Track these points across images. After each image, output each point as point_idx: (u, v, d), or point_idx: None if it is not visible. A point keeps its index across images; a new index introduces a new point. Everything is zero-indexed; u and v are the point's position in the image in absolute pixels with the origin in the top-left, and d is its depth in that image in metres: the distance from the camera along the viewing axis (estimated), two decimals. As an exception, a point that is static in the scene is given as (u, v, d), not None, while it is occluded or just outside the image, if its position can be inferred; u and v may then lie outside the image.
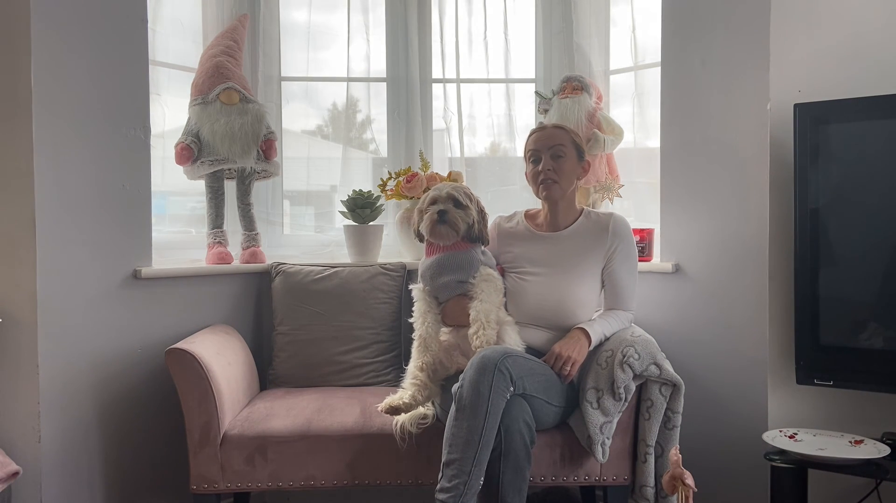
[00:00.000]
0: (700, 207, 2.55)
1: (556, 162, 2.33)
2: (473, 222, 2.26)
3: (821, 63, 2.29)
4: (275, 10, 3.08)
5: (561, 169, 2.33)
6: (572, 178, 2.36)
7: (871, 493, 2.12)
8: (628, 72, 3.02)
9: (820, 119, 2.18)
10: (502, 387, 1.95)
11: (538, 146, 2.35)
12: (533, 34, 3.18)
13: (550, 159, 2.33)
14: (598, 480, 2.21)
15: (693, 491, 1.78)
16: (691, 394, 2.27)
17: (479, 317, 2.13)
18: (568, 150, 2.34)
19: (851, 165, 2.17)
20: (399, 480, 2.21)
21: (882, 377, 2.12)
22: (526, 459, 1.96)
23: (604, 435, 2.13)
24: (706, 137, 2.53)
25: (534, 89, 3.13)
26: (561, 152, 2.33)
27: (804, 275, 2.21)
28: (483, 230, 2.30)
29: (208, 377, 2.18)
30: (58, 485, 2.31)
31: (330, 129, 3.26)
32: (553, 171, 2.32)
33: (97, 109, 2.39)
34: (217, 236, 2.80)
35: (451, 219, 2.22)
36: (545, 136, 2.36)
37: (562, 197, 2.36)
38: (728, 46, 2.46)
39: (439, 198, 2.26)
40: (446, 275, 2.25)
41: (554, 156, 2.33)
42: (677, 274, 2.61)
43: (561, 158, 2.33)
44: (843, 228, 2.18)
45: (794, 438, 2.17)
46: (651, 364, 2.13)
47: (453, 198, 2.25)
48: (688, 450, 2.12)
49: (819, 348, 2.20)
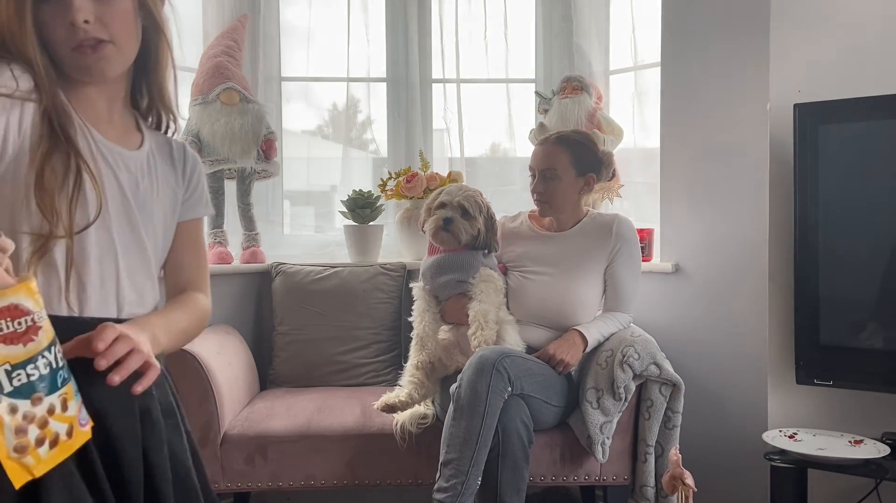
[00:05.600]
0: (700, 207, 2.55)
1: (547, 184, 2.30)
2: (479, 233, 2.25)
3: (821, 63, 2.29)
4: (275, 10, 3.08)
5: (552, 191, 2.30)
6: (569, 196, 2.32)
7: (870, 493, 2.12)
8: (628, 72, 3.02)
9: (820, 119, 2.18)
10: (500, 387, 1.95)
11: (533, 164, 2.34)
12: (533, 34, 3.18)
13: (541, 181, 2.31)
14: (598, 480, 2.22)
15: (693, 490, 1.78)
16: (691, 393, 2.27)
17: (477, 318, 2.13)
18: (563, 172, 2.29)
19: (851, 165, 2.17)
20: (399, 480, 2.22)
21: (882, 377, 2.12)
22: (524, 459, 1.96)
23: (604, 435, 2.13)
24: (706, 137, 2.53)
25: (534, 89, 3.13)
26: (552, 175, 2.29)
27: (804, 274, 2.21)
28: (491, 239, 2.28)
29: (208, 377, 2.18)
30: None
31: (330, 129, 3.26)
32: (543, 193, 2.31)
33: (97, 109, 2.39)
34: (217, 236, 2.80)
35: (455, 229, 2.21)
36: (541, 154, 2.33)
37: (559, 213, 2.34)
38: (728, 46, 2.46)
39: (449, 203, 2.23)
40: (446, 274, 2.25)
41: (545, 178, 2.30)
42: (677, 274, 2.61)
43: (552, 181, 2.29)
44: (843, 228, 2.17)
45: (794, 438, 2.16)
46: (651, 364, 2.13)
47: (463, 207, 2.23)
48: (688, 450, 2.11)
49: (819, 348, 2.19)
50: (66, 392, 0.88)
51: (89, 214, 1.04)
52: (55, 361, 0.86)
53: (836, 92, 2.20)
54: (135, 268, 1.13)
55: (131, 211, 1.11)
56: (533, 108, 3.10)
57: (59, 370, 0.87)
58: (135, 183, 1.12)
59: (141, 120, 1.20)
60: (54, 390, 0.85)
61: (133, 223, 1.12)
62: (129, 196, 1.11)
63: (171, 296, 1.28)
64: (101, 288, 1.07)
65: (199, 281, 1.30)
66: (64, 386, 0.87)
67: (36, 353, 0.83)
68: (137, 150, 1.15)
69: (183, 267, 1.28)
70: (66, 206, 1.01)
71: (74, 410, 0.89)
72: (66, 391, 0.88)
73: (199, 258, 1.30)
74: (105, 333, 0.95)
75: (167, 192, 1.20)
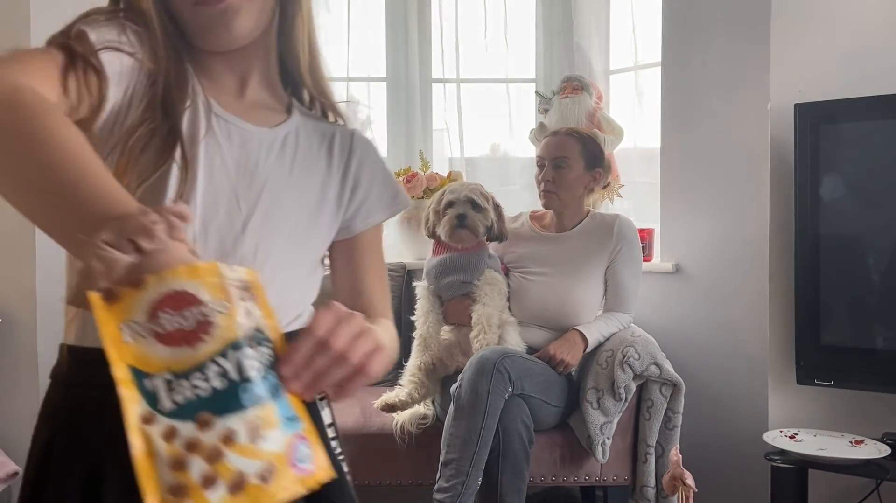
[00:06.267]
0: (700, 207, 2.55)
1: (557, 173, 2.31)
2: (492, 223, 2.25)
3: (821, 63, 2.29)
4: (275, 10, 3.07)
5: (561, 180, 2.31)
6: (576, 189, 2.34)
7: (871, 494, 2.12)
8: (628, 72, 3.01)
9: (820, 119, 2.17)
10: (500, 388, 1.94)
11: (543, 154, 2.35)
12: (533, 34, 3.17)
13: (552, 169, 2.31)
14: (598, 480, 2.21)
15: (693, 491, 1.78)
16: (691, 394, 2.27)
17: (480, 321, 2.13)
18: (573, 162, 2.31)
19: (852, 165, 2.17)
20: (399, 480, 2.21)
21: (883, 377, 2.12)
22: (524, 460, 1.96)
23: (604, 435, 2.13)
24: (706, 137, 2.53)
25: (534, 89, 3.13)
26: (563, 164, 2.30)
27: (804, 274, 2.20)
28: (502, 227, 2.29)
29: (208, 377, 2.17)
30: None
31: (330, 129, 3.26)
32: (552, 181, 2.31)
33: (97, 109, 2.39)
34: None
35: (472, 223, 2.21)
36: (553, 143, 2.34)
37: (563, 207, 2.35)
38: (728, 46, 2.46)
39: (457, 200, 2.23)
40: (451, 275, 2.24)
41: (556, 166, 2.31)
42: (677, 274, 2.60)
43: (562, 170, 2.30)
44: (843, 228, 2.17)
45: (795, 438, 2.16)
46: (651, 364, 2.12)
47: (471, 200, 2.23)
48: (688, 451, 2.11)
49: (819, 348, 2.19)
50: (261, 415, 0.61)
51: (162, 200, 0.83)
52: (237, 371, 0.60)
53: (837, 92, 2.20)
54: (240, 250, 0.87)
55: (237, 189, 0.88)
56: (533, 107, 3.10)
57: (245, 383, 0.60)
58: (253, 161, 0.90)
59: (297, 104, 1.00)
60: (234, 410, 0.59)
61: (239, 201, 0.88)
62: (238, 173, 0.89)
63: None
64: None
65: (384, 306, 1.03)
66: (254, 405, 0.60)
67: (206, 359, 0.59)
68: (270, 128, 0.93)
69: (363, 289, 1.00)
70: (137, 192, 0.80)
71: (279, 443, 0.61)
72: (261, 414, 0.61)
73: (383, 277, 1.05)
74: (339, 319, 0.69)
75: (309, 182, 0.95)
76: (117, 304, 0.58)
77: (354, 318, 0.70)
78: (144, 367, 0.58)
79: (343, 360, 0.68)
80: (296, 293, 0.92)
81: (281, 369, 0.64)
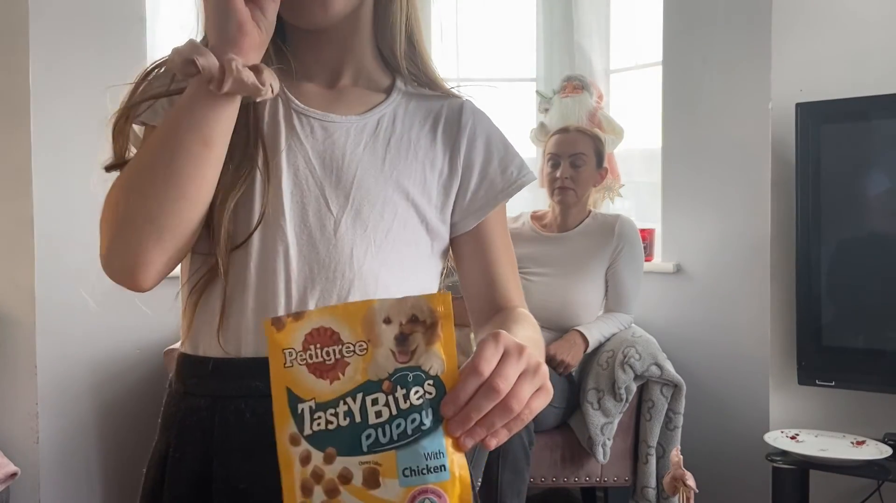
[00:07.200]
0: (701, 207, 2.55)
1: (575, 170, 2.33)
2: None
3: (822, 62, 2.28)
4: (275, 10, 3.07)
5: (579, 177, 2.33)
6: (588, 186, 2.37)
7: (872, 494, 2.11)
8: (629, 71, 3.01)
9: (822, 118, 2.17)
10: (502, 388, 1.94)
11: (559, 150, 2.35)
12: (533, 33, 3.17)
13: (570, 167, 2.32)
14: (598, 481, 2.21)
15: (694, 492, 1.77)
16: (692, 394, 2.27)
17: None
18: (588, 159, 2.34)
19: (853, 165, 2.17)
20: (399, 481, 2.20)
21: (884, 378, 2.11)
22: (525, 461, 1.96)
23: (605, 436, 2.12)
24: (707, 137, 2.52)
25: (534, 89, 3.12)
26: (581, 161, 2.32)
27: (806, 275, 2.20)
28: None
29: (207, 377, 2.17)
30: (56, 485, 2.30)
31: (330, 128, 3.26)
32: (571, 179, 2.32)
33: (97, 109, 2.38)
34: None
35: None
36: (568, 141, 2.35)
37: (575, 203, 2.36)
38: (729, 45, 2.46)
39: None
40: (452, 275, 2.24)
41: (574, 164, 2.33)
42: (678, 274, 2.60)
43: (580, 167, 2.32)
44: (845, 228, 2.17)
45: (796, 439, 2.16)
46: (652, 364, 2.12)
47: None
48: (689, 451, 2.11)
49: (821, 349, 2.19)
50: (380, 462, 0.61)
51: (251, 221, 0.78)
52: (362, 414, 0.62)
53: (838, 91, 2.20)
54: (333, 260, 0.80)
55: (325, 188, 0.82)
56: (533, 107, 3.09)
57: (368, 429, 0.61)
58: (339, 155, 0.83)
59: (400, 83, 0.91)
60: (354, 453, 0.61)
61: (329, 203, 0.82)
62: (324, 171, 0.82)
63: (480, 323, 0.94)
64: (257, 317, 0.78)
65: (519, 295, 0.94)
66: (375, 452, 0.61)
67: (338, 397, 0.62)
68: (359, 115, 0.86)
69: (496, 279, 0.92)
70: (225, 214, 0.77)
71: (395, 494, 0.60)
72: (381, 461, 0.61)
73: (514, 263, 0.95)
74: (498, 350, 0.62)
75: (407, 169, 0.86)
76: (282, 332, 0.63)
77: (524, 352, 0.62)
78: (298, 392, 0.62)
79: (507, 409, 0.60)
80: (405, 292, 0.82)
81: (442, 409, 0.61)
